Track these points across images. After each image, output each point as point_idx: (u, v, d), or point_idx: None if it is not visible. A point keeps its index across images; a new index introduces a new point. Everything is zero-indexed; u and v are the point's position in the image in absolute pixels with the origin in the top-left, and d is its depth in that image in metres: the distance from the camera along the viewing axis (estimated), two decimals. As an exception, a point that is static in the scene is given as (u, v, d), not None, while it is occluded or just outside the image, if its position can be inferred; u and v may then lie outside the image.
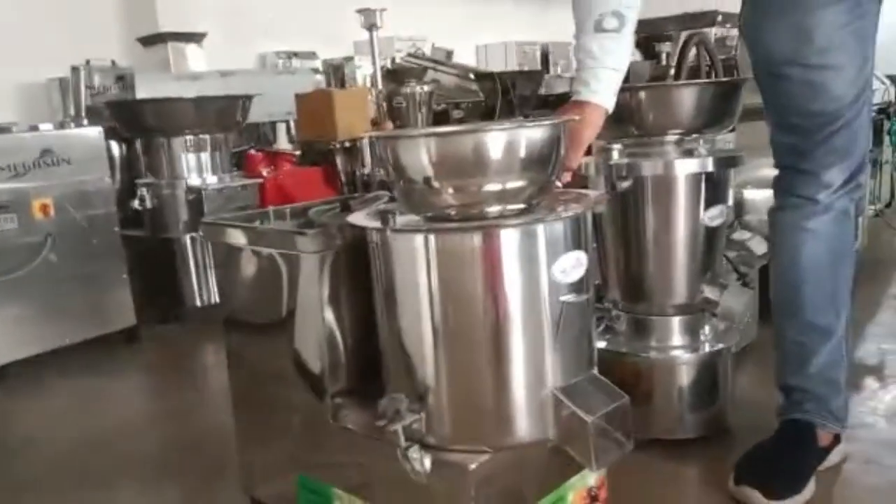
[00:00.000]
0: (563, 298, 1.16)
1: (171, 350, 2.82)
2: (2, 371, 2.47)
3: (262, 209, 1.58)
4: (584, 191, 1.36)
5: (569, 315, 1.17)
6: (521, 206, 1.18)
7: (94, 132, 2.72)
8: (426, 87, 4.37)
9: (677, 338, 1.68)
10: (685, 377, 1.64)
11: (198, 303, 2.99)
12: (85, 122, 3.23)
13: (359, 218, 1.27)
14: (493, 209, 1.16)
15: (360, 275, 1.29)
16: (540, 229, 1.14)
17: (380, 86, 4.30)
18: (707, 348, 1.67)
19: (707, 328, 1.71)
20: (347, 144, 3.71)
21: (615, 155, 1.63)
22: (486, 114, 4.33)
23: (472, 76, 5.27)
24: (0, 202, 2.45)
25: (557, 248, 1.16)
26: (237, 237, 1.44)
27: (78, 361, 2.60)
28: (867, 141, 1.50)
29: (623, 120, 1.64)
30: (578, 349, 1.21)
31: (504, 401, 1.16)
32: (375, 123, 4.22)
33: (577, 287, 1.18)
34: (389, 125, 3.85)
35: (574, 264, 1.17)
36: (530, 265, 1.14)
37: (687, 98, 1.59)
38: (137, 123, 2.96)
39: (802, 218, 1.47)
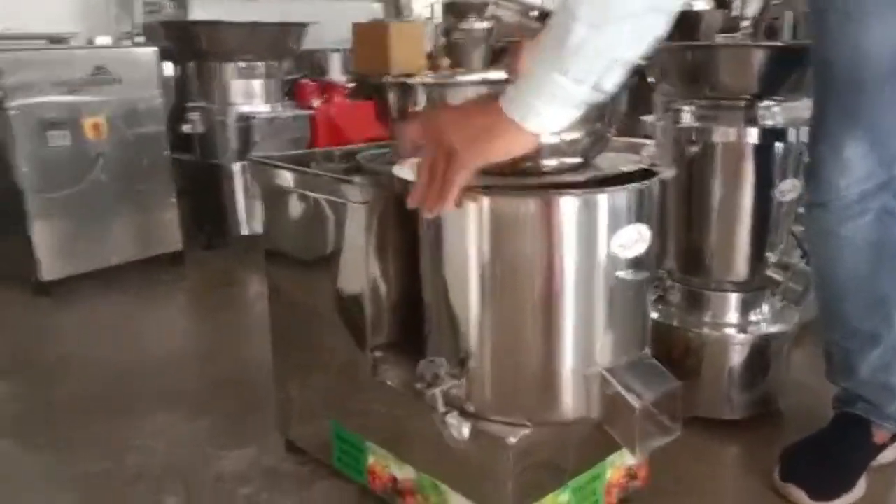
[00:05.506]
0: (619, 274, 1.10)
1: (215, 276, 2.84)
2: (48, 286, 2.51)
3: (311, 150, 1.53)
4: (649, 143, 1.28)
5: (625, 292, 1.11)
6: (578, 159, 1.11)
7: (149, 52, 2.68)
8: (486, 24, 4.25)
9: (733, 315, 1.60)
10: (737, 358, 1.57)
11: (243, 231, 2.98)
12: (140, 39, 3.21)
13: (405, 171, 1.21)
14: (549, 162, 1.09)
15: (409, 226, 1.23)
16: (602, 199, 1.06)
17: (438, 19, 4.19)
18: (764, 329, 1.59)
19: (765, 307, 1.63)
20: (401, 80, 3.63)
21: (685, 117, 1.53)
22: (547, 55, 4.17)
23: (534, 14, 5.09)
24: (54, 119, 2.44)
25: (619, 220, 1.08)
26: (284, 178, 1.40)
27: (123, 282, 2.63)
28: None
29: (696, 79, 1.54)
30: (632, 328, 1.15)
31: (549, 375, 1.11)
32: (431, 58, 4.12)
33: (636, 263, 1.11)
34: (446, 61, 3.75)
35: (635, 238, 1.10)
36: (588, 236, 1.07)
37: (767, 60, 1.47)
38: (190, 46, 2.91)
39: (835, 222, 1.31)
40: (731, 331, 1.59)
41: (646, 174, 1.15)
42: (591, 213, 1.07)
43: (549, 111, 0.91)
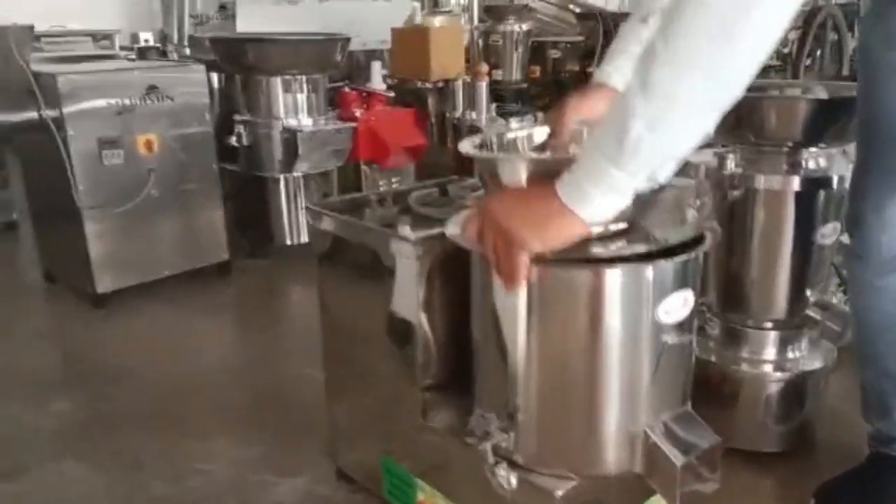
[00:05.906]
0: (664, 338, 1.15)
1: (261, 285, 2.94)
2: (104, 298, 2.62)
3: (364, 194, 1.59)
4: (691, 192, 1.30)
5: (669, 354, 1.16)
6: (624, 225, 1.15)
7: (198, 71, 2.76)
8: (524, 26, 4.24)
9: (770, 352, 1.64)
10: (774, 394, 1.61)
11: (287, 241, 3.08)
12: (187, 51, 3.29)
13: (458, 233, 1.25)
14: (596, 228, 1.13)
15: (460, 276, 1.29)
16: (648, 271, 1.11)
17: (475, 21, 4.20)
18: (801, 366, 1.63)
19: (803, 343, 1.66)
20: (440, 85, 3.66)
21: (729, 163, 1.56)
22: (585, 56, 4.18)
23: (572, 7, 5.05)
24: (109, 137, 2.53)
25: (665, 289, 1.13)
26: (338, 227, 1.46)
27: (173, 292, 2.73)
28: None
29: (741, 125, 1.56)
30: (674, 385, 1.21)
31: (594, 433, 1.17)
32: (468, 54, 4.13)
33: (681, 327, 1.16)
34: (485, 67, 3.78)
35: (680, 304, 1.15)
36: (634, 304, 1.12)
37: (811, 111, 1.49)
38: (237, 61, 2.98)
39: (874, 275, 1.35)
40: (768, 368, 1.63)
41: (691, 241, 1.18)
42: (638, 283, 1.11)
43: (603, 201, 0.94)
